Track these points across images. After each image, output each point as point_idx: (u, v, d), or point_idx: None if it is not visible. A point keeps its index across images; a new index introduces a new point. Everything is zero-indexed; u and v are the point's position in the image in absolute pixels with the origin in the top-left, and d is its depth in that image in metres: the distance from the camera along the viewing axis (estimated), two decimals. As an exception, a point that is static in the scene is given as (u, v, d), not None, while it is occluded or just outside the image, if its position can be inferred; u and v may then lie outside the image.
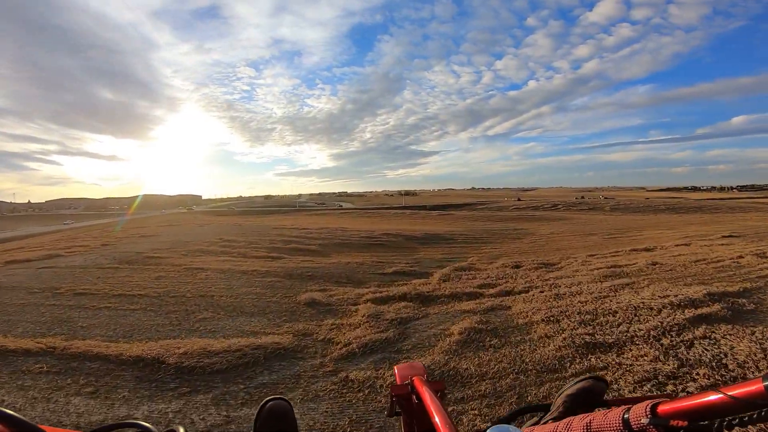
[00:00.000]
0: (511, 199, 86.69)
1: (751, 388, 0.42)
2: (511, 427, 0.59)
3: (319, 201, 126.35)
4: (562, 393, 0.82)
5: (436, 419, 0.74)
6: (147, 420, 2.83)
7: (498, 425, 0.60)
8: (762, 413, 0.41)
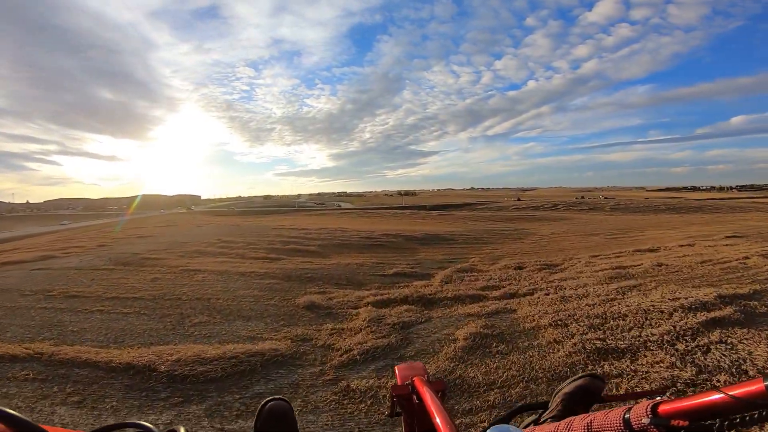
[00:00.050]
0: (511, 199, 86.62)
1: (752, 387, 0.41)
2: (512, 427, 0.59)
3: (319, 201, 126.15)
4: (559, 391, 0.82)
5: (437, 419, 0.73)
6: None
7: (498, 425, 0.60)
8: (763, 413, 0.41)
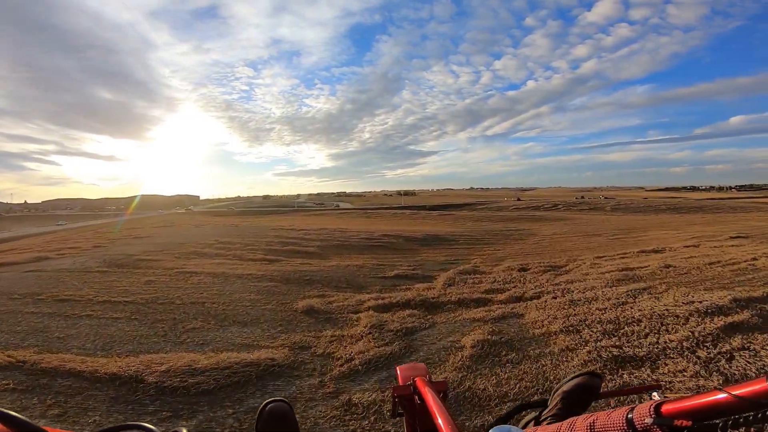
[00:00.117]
0: (511, 199, 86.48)
1: (756, 387, 0.41)
2: (513, 427, 0.59)
3: (318, 201, 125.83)
4: (558, 390, 0.82)
5: (439, 420, 0.73)
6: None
7: (499, 426, 0.59)
8: (767, 413, 0.40)
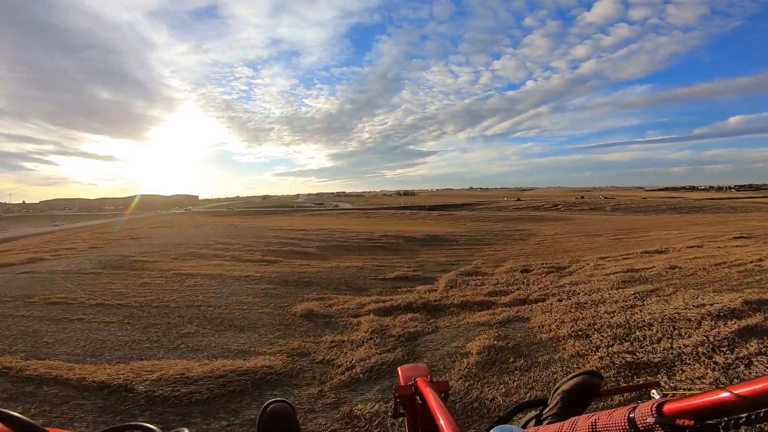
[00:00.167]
0: (511, 199, 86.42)
1: (759, 386, 0.41)
2: (515, 427, 0.58)
3: (317, 201, 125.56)
4: (558, 389, 0.82)
5: (440, 420, 0.71)
6: None
7: (501, 426, 0.58)
8: None
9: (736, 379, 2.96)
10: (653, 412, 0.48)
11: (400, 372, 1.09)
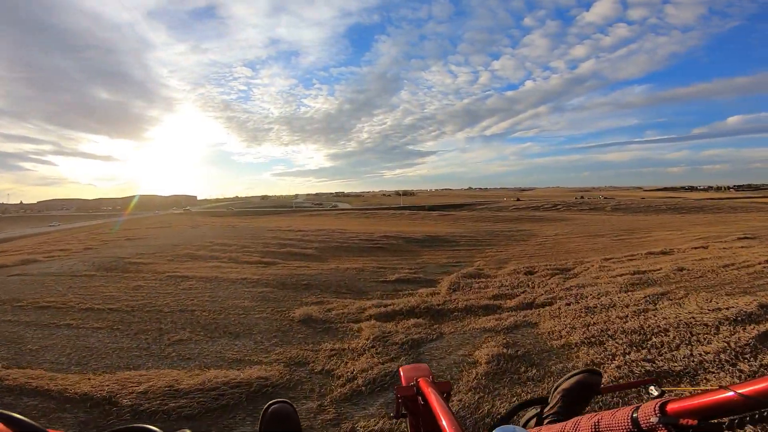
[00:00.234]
0: (511, 199, 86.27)
1: (762, 385, 0.40)
2: (517, 427, 0.58)
3: (316, 201, 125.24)
4: (558, 387, 0.81)
5: (442, 420, 0.71)
6: None
7: (503, 426, 0.58)
8: None
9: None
10: (656, 412, 0.47)
11: (401, 372, 1.08)
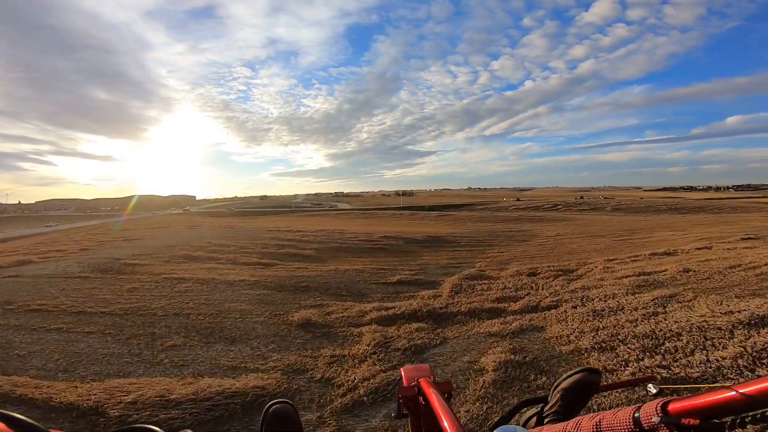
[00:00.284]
0: (511, 199, 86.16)
1: (764, 385, 0.40)
2: (518, 427, 0.58)
3: (315, 201, 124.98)
4: (557, 387, 0.81)
5: (444, 420, 0.71)
6: None
7: (504, 426, 0.58)
8: None
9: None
10: (658, 412, 0.47)
11: (403, 373, 1.08)
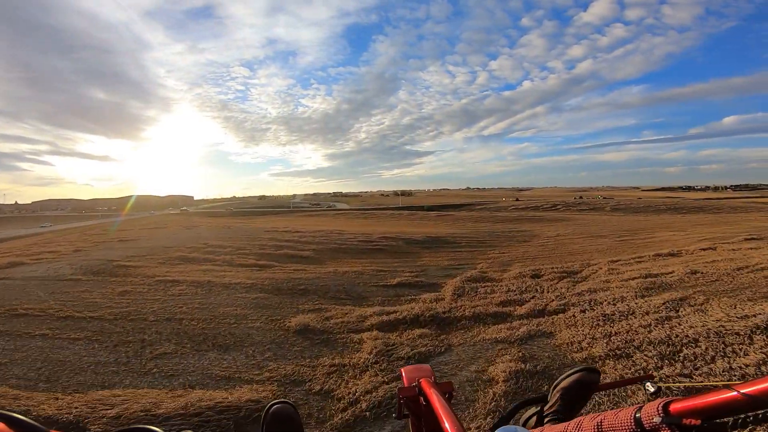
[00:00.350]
0: (510, 199, 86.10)
1: (765, 385, 0.40)
2: (519, 427, 0.58)
3: (314, 201, 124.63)
4: (557, 386, 0.81)
5: (444, 421, 0.71)
6: None
7: (504, 426, 0.58)
8: None
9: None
10: (660, 412, 0.46)
11: (403, 373, 1.06)
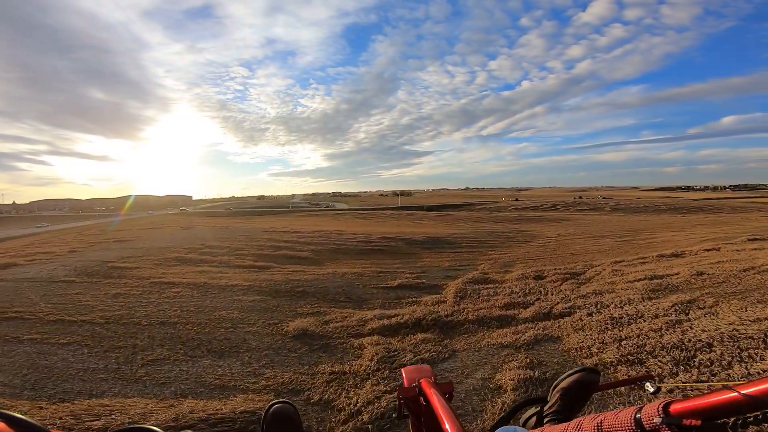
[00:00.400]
0: (509, 199, 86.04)
1: (766, 386, 0.40)
2: (519, 428, 0.58)
3: (313, 201, 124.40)
4: (557, 386, 0.81)
5: (444, 421, 0.71)
6: None
7: (504, 427, 0.59)
8: None
9: None
10: (660, 412, 0.46)
11: (404, 373, 1.05)
